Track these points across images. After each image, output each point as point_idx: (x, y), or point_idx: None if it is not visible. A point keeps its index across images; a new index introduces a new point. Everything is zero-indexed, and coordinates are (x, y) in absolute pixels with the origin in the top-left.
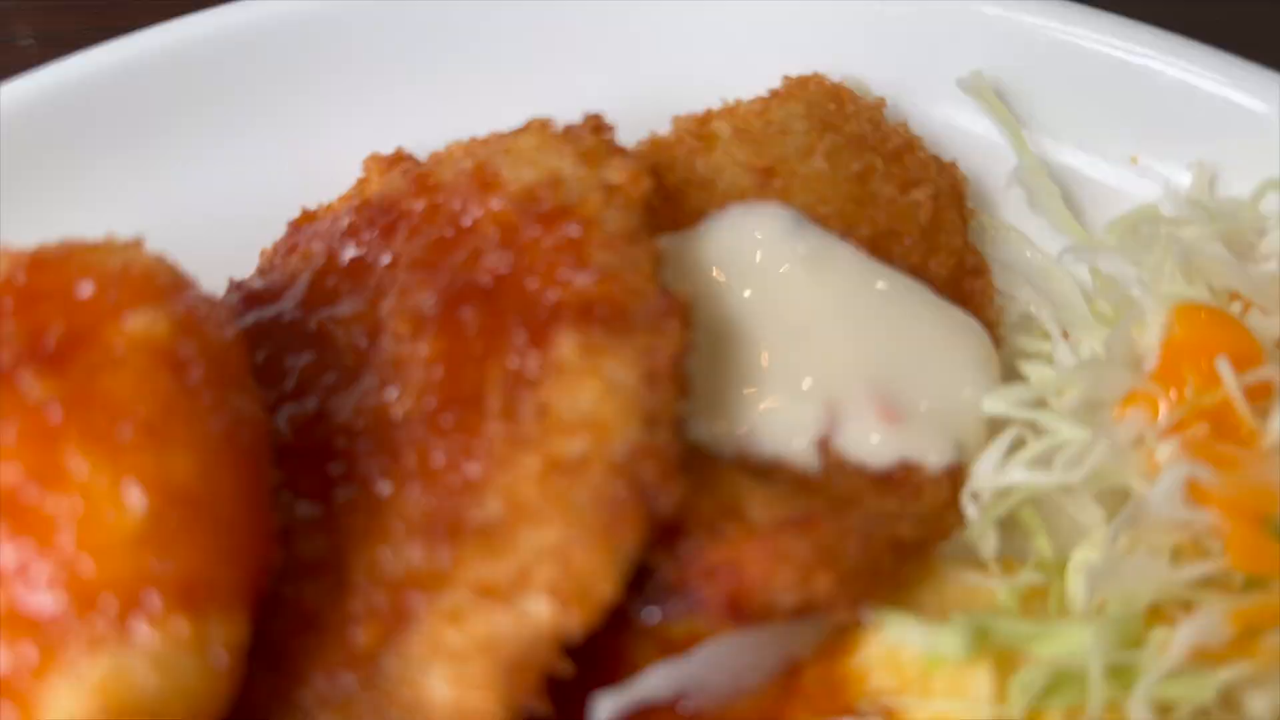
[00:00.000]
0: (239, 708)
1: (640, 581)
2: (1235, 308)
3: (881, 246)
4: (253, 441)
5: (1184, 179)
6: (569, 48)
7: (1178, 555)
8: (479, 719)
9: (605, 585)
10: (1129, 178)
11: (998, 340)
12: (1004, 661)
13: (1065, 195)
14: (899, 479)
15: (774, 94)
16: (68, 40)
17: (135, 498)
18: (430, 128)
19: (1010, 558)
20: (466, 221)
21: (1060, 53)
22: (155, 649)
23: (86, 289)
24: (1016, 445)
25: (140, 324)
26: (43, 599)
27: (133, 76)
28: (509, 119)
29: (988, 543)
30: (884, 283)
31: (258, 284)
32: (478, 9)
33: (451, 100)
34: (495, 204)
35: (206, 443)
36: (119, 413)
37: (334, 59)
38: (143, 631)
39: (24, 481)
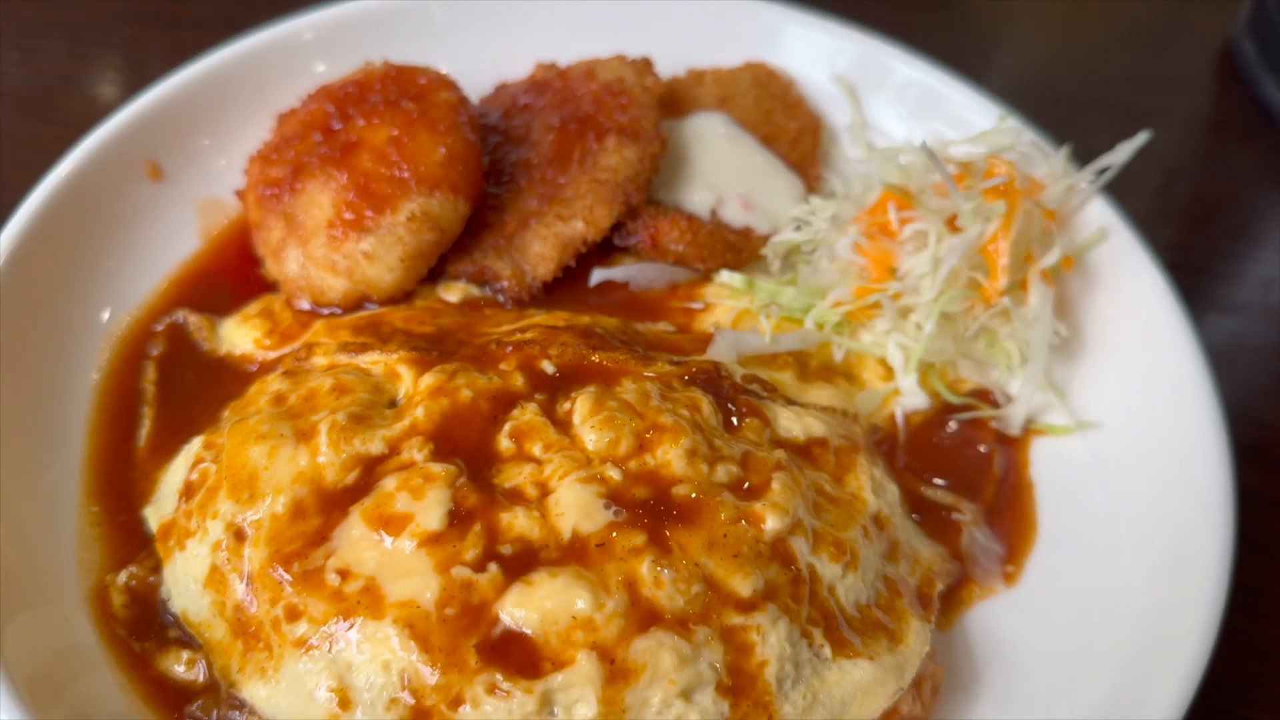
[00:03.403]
0: (460, 243)
1: (619, 227)
2: (930, 194)
3: (768, 142)
4: (480, 150)
5: (929, 140)
6: (651, 27)
7: (850, 276)
8: (545, 261)
9: (605, 222)
10: (903, 136)
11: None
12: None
13: (869, 142)
14: (742, 232)
15: (740, 67)
16: None
17: (441, 148)
18: (568, 52)
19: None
20: (579, 92)
21: (880, 67)
22: (439, 199)
23: (424, 81)
24: (799, 226)
25: (444, 94)
26: (399, 174)
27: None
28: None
29: (774, 265)
30: (763, 155)
31: (480, 108)
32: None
33: (581, 41)
34: (593, 85)
35: (466, 142)
36: (437, 121)
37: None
38: (438, 194)
39: (398, 137)
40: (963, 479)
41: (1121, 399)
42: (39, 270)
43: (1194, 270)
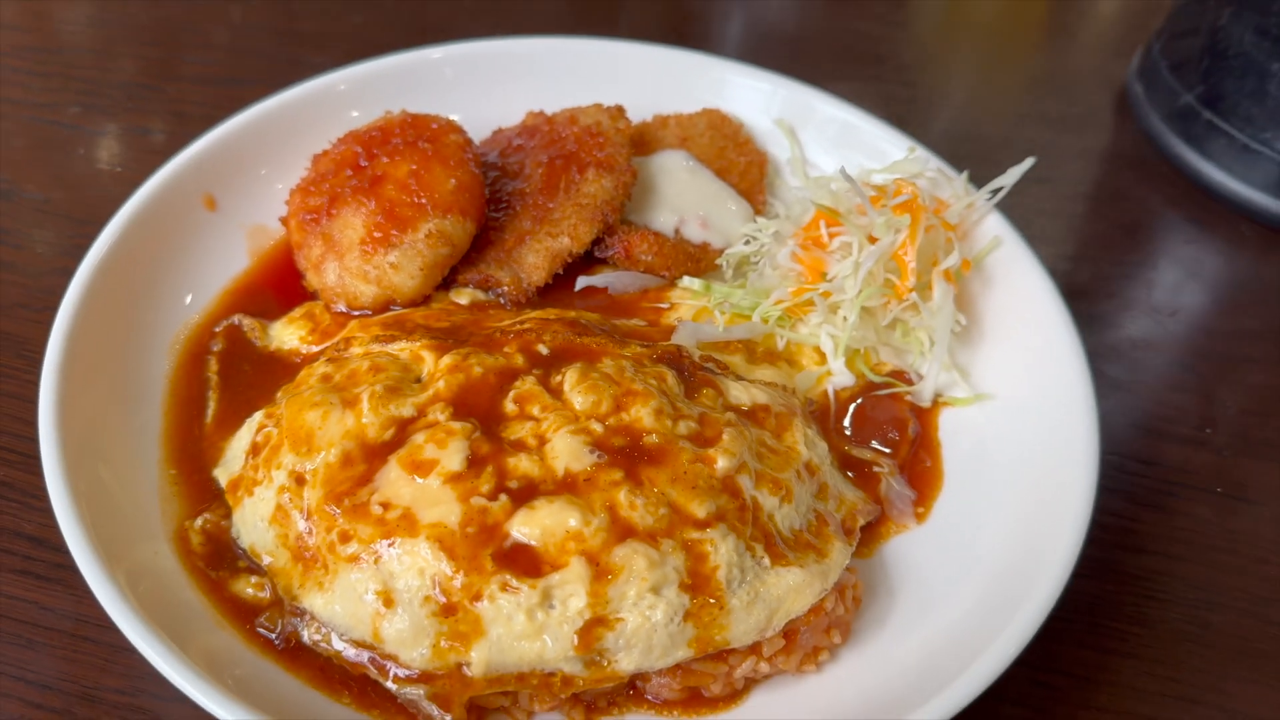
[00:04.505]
0: (467, 257)
1: (599, 242)
2: (854, 214)
3: (722, 174)
4: (483, 182)
5: (853, 168)
6: (623, 80)
7: (789, 280)
8: (538, 270)
9: (587, 238)
10: (834, 168)
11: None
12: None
13: (805, 173)
14: (701, 247)
15: (697, 113)
16: None
17: (451, 180)
18: (553, 102)
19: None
20: (563, 134)
21: (820, 114)
22: (451, 220)
23: (435, 126)
24: (747, 241)
25: (453, 136)
26: (418, 200)
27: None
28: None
29: (727, 272)
30: (718, 184)
31: (482, 148)
32: (580, 58)
33: (559, 95)
34: (575, 129)
35: (472, 174)
36: (447, 158)
37: (506, 78)
38: (450, 216)
39: (416, 171)
40: (883, 441)
41: (1012, 375)
42: (124, 269)
43: (1089, 275)
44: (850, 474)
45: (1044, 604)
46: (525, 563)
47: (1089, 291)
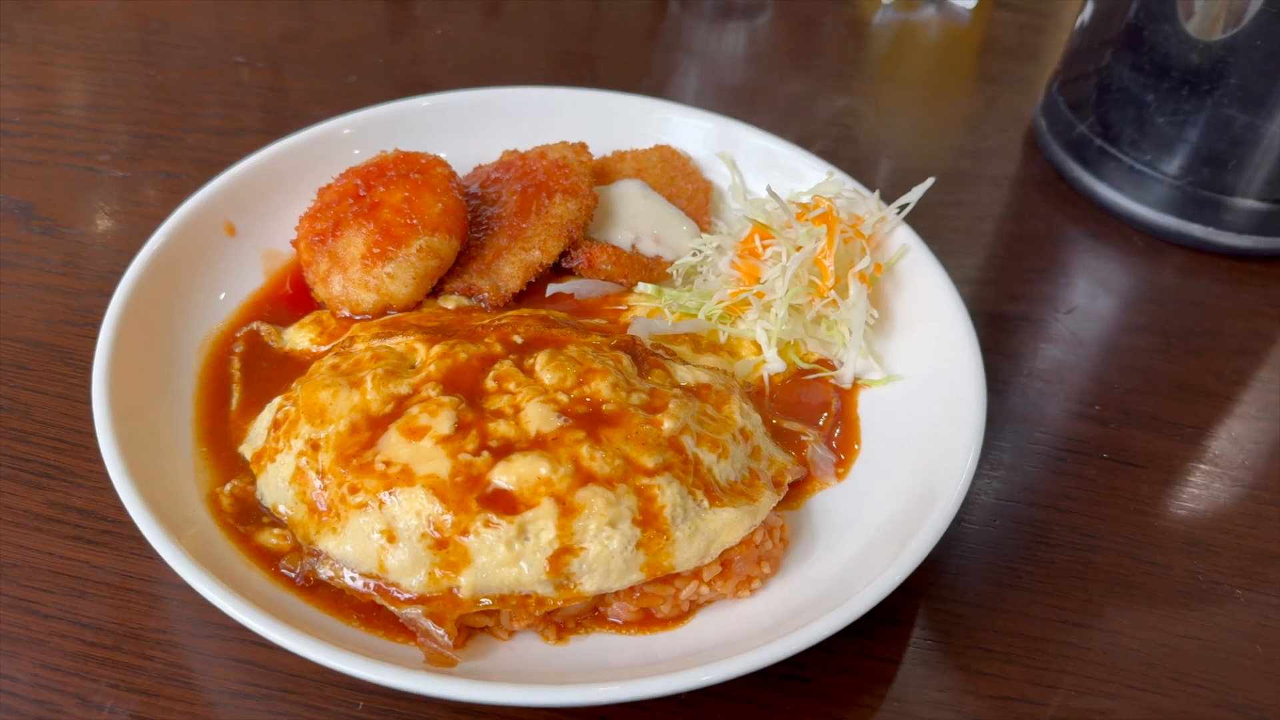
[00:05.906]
0: (453, 269)
1: (565, 255)
2: (783, 229)
3: (672, 200)
4: (465, 207)
5: (783, 192)
6: (586, 122)
7: (729, 284)
8: (514, 279)
9: (555, 251)
10: (763, 190)
11: (703, 232)
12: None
13: (744, 197)
14: (654, 259)
15: (650, 149)
16: None
17: (439, 205)
18: (525, 142)
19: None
20: (534, 167)
21: (748, 144)
22: (439, 238)
23: (424, 161)
24: (694, 254)
25: (440, 169)
26: (410, 221)
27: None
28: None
29: (677, 280)
30: (668, 208)
31: (464, 181)
32: (548, 105)
33: (531, 136)
34: (544, 162)
35: (456, 200)
36: (435, 187)
37: (489, 121)
38: (438, 234)
39: (409, 197)
40: (810, 416)
41: (917, 359)
42: (157, 286)
43: (998, 281)
44: (783, 444)
45: (932, 537)
46: (504, 504)
47: (997, 295)
